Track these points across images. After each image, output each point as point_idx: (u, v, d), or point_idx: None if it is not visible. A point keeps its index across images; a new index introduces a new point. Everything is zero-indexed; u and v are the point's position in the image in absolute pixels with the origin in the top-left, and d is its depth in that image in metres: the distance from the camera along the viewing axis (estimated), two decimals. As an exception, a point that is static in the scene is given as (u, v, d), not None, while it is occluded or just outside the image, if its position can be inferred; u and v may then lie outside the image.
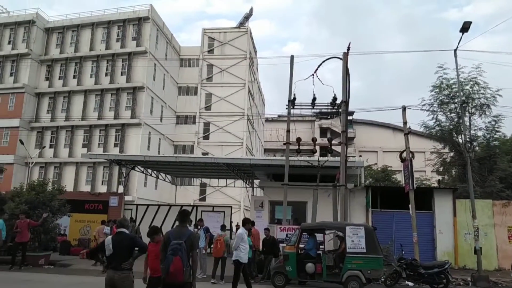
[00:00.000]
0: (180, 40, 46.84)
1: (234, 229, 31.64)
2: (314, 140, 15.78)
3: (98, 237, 15.67)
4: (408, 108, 15.29)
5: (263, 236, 13.30)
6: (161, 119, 39.67)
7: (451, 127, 21.30)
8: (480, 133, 21.82)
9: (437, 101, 21.42)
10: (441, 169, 25.18)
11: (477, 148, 21.94)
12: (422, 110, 21.04)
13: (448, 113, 21.37)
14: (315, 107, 15.87)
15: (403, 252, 13.11)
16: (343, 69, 14.58)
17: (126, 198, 21.85)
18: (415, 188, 14.52)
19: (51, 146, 36.69)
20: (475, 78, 20.59)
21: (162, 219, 19.74)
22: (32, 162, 32.94)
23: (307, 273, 11.23)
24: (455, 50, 14.83)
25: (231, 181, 31.76)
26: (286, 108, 15.50)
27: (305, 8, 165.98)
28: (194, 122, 43.75)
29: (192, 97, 44.87)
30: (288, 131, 15.62)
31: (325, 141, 43.09)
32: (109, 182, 34.32)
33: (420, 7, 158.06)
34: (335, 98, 15.24)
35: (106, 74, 37.51)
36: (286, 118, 16.81)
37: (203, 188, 41.05)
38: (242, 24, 48.44)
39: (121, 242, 5.50)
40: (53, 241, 16.53)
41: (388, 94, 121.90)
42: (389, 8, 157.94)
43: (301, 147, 15.82)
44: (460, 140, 20.67)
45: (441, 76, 21.32)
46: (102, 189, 33.14)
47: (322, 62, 14.86)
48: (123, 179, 22.70)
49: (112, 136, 35.84)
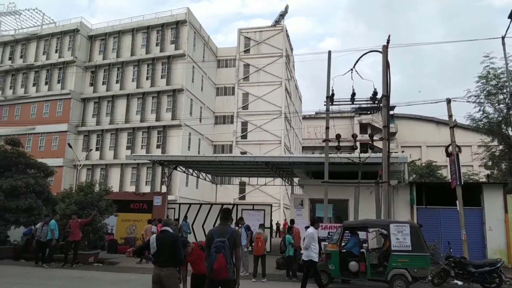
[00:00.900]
0: (216, 41, 47.42)
1: (275, 227, 31.90)
2: (354, 136, 15.45)
3: (146, 235, 16.21)
4: (453, 101, 14.66)
5: (304, 234, 13.18)
6: (200, 120, 40.38)
7: (500, 119, 20.18)
8: (532, 124, 20.53)
9: (484, 92, 20.35)
10: (489, 163, 23.97)
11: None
12: (468, 102, 20.06)
13: (496, 105, 20.25)
14: (355, 102, 15.53)
15: (451, 250, 12.60)
16: (383, 62, 14.18)
17: (169, 197, 22.39)
18: (462, 183, 13.91)
19: (97, 149, 38.32)
20: (526, 66, 19.36)
21: (204, 217, 20.09)
22: (80, 165, 34.56)
23: (351, 272, 11.04)
24: (503, 37, 14.10)
25: (270, 180, 31.81)
26: (325, 105, 15.28)
27: (341, 3, 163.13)
28: (232, 122, 44.21)
29: (229, 97, 45.36)
30: (327, 128, 15.40)
31: (365, 137, 42.30)
32: (152, 182, 35.37)
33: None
34: (375, 93, 14.84)
35: (147, 78, 38.66)
36: (324, 115, 16.60)
37: (242, 186, 41.42)
38: (277, 22, 48.36)
39: (164, 240, 5.62)
40: (101, 240, 17.25)
41: (430, 86, 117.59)
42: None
43: (341, 144, 15.55)
44: (510, 133, 19.59)
45: (487, 65, 20.21)
46: (146, 189, 34.23)
47: (361, 56, 14.53)
48: (166, 179, 23.34)
49: (154, 138, 36.91)
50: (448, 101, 14.54)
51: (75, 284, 10.76)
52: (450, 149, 14.20)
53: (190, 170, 24.99)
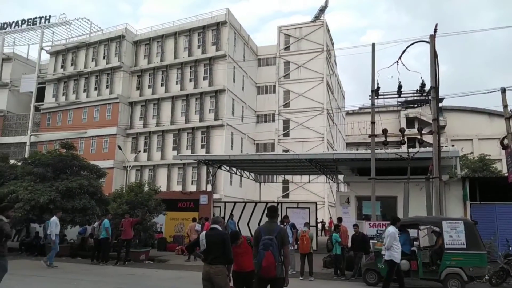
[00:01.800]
0: (256, 40, 47.55)
1: (320, 226, 31.55)
2: (402, 130, 14.93)
3: (190, 233, 16.60)
4: (508, 90, 13.82)
5: (351, 232, 12.99)
6: (242, 119, 40.71)
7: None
8: None
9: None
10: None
11: None
12: (525, 90, 18.81)
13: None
14: (401, 95, 15.01)
15: (511, 248, 11.88)
16: (430, 53, 13.60)
17: (214, 196, 22.76)
18: (521, 177, 13.08)
19: (145, 150, 39.66)
20: None
21: (249, 215, 20.25)
22: (130, 166, 35.93)
23: (401, 270, 10.71)
24: None
25: (314, 177, 31.52)
26: (370, 99, 14.90)
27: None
28: (274, 120, 44.19)
29: (270, 96, 45.38)
30: (373, 123, 14.99)
31: (412, 131, 40.83)
32: (198, 181, 36.12)
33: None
34: (423, 84, 14.27)
35: (190, 80, 39.51)
36: (368, 110, 16.20)
37: (285, 185, 41.33)
38: (317, 17, 47.76)
39: (213, 238, 5.69)
40: (151, 238, 17.81)
41: (480, 76, 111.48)
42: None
43: (387, 139, 15.09)
44: None
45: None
46: (192, 188, 35.03)
47: (407, 47, 14.02)
48: (210, 178, 23.73)
49: (198, 138, 37.68)
50: (503, 90, 13.73)
51: (129, 280, 11.19)
52: (506, 141, 13.41)
53: (234, 169, 25.27)
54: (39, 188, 15.99)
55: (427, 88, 14.31)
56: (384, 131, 14.52)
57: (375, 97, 14.95)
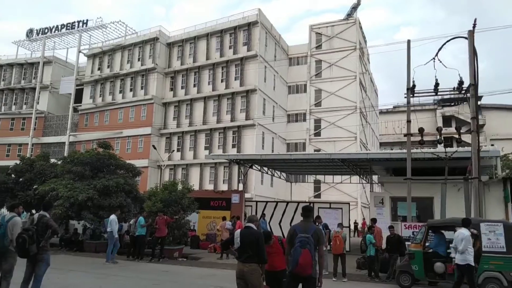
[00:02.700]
0: (287, 40, 47.30)
1: (352, 227, 31.06)
2: (439, 129, 14.47)
3: (221, 232, 16.77)
4: (555, 86, 13.10)
5: (385, 233, 12.72)
6: (273, 118, 40.69)
7: None
8: None
9: None
10: None
11: None
12: None
13: None
14: (438, 93, 14.55)
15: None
16: (469, 49, 13.11)
17: (245, 195, 22.86)
18: None
19: (178, 150, 40.40)
20: None
21: (281, 215, 20.20)
22: (164, 165, 36.71)
23: (436, 273, 10.38)
24: None
25: (346, 177, 31.05)
26: (405, 97, 14.52)
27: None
28: (305, 120, 43.89)
29: (301, 95, 45.10)
30: (408, 121, 14.62)
31: (449, 130, 39.53)
32: (229, 180, 36.42)
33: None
34: (461, 82, 13.78)
35: (222, 80, 39.88)
36: (402, 109, 15.82)
37: (317, 185, 40.96)
38: (350, 15, 47.03)
39: (248, 236, 5.69)
40: (185, 236, 18.10)
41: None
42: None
43: (423, 138, 14.66)
44: None
45: None
46: (223, 187, 35.36)
47: (444, 43, 13.58)
48: (242, 178, 23.88)
49: (230, 138, 37.99)
50: (549, 87, 13.02)
51: (164, 277, 11.42)
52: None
53: (265, 169, 25.29)
54: (77, 186, 16.61)
55: (465, 85, 13.81)
56: (421, 130, 14.12)
57: (411, 95, 14.56)
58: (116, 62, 45.19)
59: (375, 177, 23.08)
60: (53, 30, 47.59)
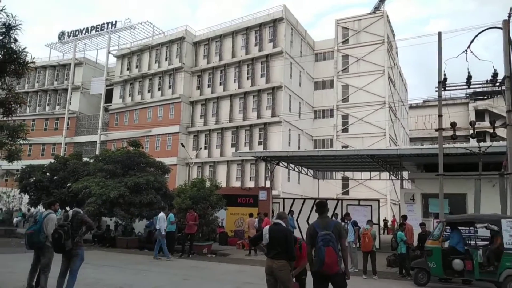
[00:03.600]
0: (313, 35, 46.85)
1: (382, 224, 30.53)
2: (472, 123, 13.95)
3: (249, 228, 16.85)
4: None
5: (416, 230, 12.46)
6: (299, 115, 40.45)
7: None
8: None
9: None
10: None
11: None
12: None
13: None
14: (471, 86, 14.05)
15: None
16: (504, 40, 12.57)
17: (272, 192, 22.86)
18: None
19: (205, 148, 40.85)
20: None
21: (308, 212, 20.08)
22: (192, 163, 37.19)
23: (454, 271, 10.05)
24: None
25: (375, 174, 30.52)
26: (436, 91, 14.09)
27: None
28: (332, 116, 43.39)
29: (328, 91, 44.60)
30: (440, 116, 14.17)
31: (482, 124, 38.14)
32: (256, 177, 36.51)
33: None
34: (495, 74, 13.25)
35: (248, 78, 39.97)
36: (433, 103, 15.39)
37: (345, 181, 40.47)
38: (377, 8, 46.19)
39: (276, 233, 5.68)
40: (214, 232, 18.32)
41: None
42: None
43: (455, 133, 14.19)
44: None
45: None
46: (250, 184, 35.47)
47: (477, 34, 13.07)
48: (269, 174, 23.88)
49: (256, 135, 38.06)
50: None
51: (194, 272, 11.59)
52: None
53: (292, 165, 25.18)
54: (109, 184, 17.07)
55: (499, 78, 13.27)
56: (453, 124, 13.67)
57: (442, 89, 14.12)
58: (144, 62, 46.05)
59: (405, 174, 22.55)
60: (83, 32, 49.04)
